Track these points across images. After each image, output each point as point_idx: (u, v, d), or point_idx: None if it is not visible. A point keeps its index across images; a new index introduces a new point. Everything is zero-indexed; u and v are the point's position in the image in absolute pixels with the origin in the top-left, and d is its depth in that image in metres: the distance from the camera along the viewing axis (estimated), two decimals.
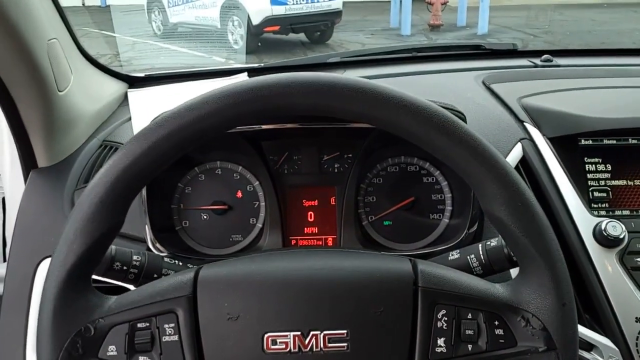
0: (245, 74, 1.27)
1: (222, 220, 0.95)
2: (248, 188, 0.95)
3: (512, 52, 1.39)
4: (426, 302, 0.62)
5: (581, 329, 0.82)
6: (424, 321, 0.61)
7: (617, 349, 0.80)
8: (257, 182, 0.95)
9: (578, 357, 0.63)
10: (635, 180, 0.92)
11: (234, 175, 0.96)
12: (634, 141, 0.94)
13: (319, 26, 8.30)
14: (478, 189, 0.63)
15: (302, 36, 8.55)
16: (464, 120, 0.88)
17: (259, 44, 7.63)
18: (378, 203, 0.96)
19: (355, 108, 0.61)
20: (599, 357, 0.81)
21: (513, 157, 0.93)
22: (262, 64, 1.47)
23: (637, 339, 0.79)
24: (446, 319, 0.62)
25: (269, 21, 7.72)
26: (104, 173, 0.60)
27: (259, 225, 0.95)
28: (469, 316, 0.62)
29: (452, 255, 0.77)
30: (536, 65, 1.29)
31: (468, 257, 0.75)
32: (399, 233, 0.95)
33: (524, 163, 0.92)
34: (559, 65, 1.29)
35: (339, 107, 0.62)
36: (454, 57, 1.39)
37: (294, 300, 0.61)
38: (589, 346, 0.81)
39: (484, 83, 1.14)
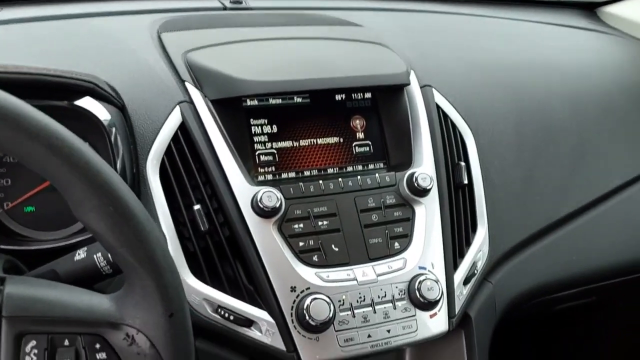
0: None
1: None
2: None
3: None
4: (11, 335, 0.51)
5: (240, 305, 0.79)
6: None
7: (273, 321, 0.79)
8: None
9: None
10: (300, 141, 0.90)
11: None
12: (299, 99, 0.91)
13: None
14: (64, 191, 0.52)
15: None
16: (97, 85, 0.75)
17: None
18: (15, 186, 0.81)
19: None
20: (258, 332, 0.79)
21: (171, 123, 0.83)
22: None
23: (291, 309, 0.79)
24: (36, 351, 0.52)
25: None
26: None
27: None
28: (66, 343, 0.53)
29: (79, 254, 0.67)
30: (225, 8, 1.20)
31: (95, 255, 0.66)
32: (44, 220, 0.82)
33: (183, 130, 0.84)
34: (249, 8, 1.21)
35: None
36: None
37: None
38: (249, 322, 0.79)
39: (158, 31, 1.01)
